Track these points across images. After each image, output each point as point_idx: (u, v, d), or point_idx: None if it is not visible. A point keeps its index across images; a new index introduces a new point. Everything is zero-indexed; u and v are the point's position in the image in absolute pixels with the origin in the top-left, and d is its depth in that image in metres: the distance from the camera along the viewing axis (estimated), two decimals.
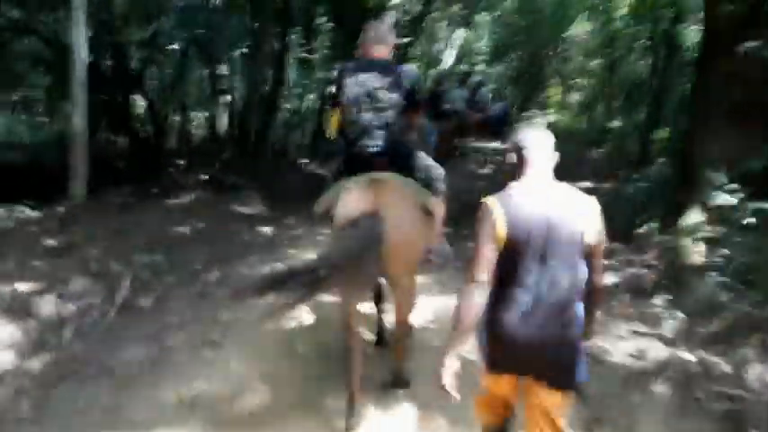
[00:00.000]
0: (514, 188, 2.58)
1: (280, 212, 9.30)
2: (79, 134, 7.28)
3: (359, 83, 3.93)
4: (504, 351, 2.56)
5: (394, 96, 3.92)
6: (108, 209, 8.86)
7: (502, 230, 2.47)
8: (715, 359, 4.76)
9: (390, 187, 3.80)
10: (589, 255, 2.57)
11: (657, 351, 5.08)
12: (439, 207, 3.98)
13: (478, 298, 2.47)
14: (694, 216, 6.88)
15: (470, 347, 2.70)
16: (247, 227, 8.40)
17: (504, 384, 2.70)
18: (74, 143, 7.30)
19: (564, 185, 2.61)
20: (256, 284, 3.41)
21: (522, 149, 2.65)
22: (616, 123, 18.67)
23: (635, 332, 5.48)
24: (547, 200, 2.52)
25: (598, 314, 2.89)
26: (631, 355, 5.00)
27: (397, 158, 3.94)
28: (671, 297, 6.01)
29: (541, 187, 2.57)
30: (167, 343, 4.80)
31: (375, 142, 3.89)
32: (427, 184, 4.00)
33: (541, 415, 2.61)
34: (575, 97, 25.10)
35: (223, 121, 11.74)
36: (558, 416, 2.61)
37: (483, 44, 23.89)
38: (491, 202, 2.53)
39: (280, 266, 5.88)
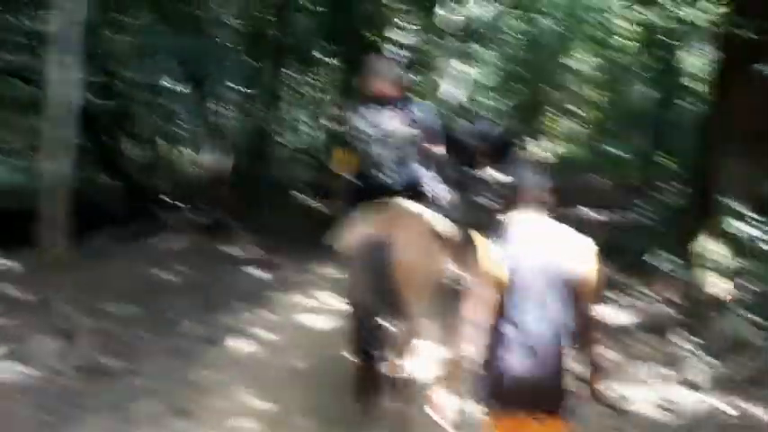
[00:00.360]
0: (509, 227, 2.58)
1: (274, 255, 8.76)
2: (60, 180, 6.70)
3: (370, 121, 4.03)
4: (505, 389, 2.53)
5: (407, 131, 4.01)
6: (89, 256, 8.38)
7: (497, 271, 2.48)
8: (753, 408, 4.20)
9: (400, 213, 3.91)
10: (583, 295, 2.55)
11: (686, 399, 4.53)
12: (453, 235, 4.06)
13: (473, 338, 2.52)
14: (712, 246, 6.36)
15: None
16: (237, 271, 7.87)
17: (506, 424, 2.59)
18: (53, 190, 6.73)
19: (558, 224, 2.60)
20: None
21: (516, 187, 2.66)
22: (616, 151, 18.19)
23: (658, 376, 4.92)
24: (542, 240, 2.54)
25: (603, 354, 2.82)
26: (659, 406, 4.43)
27: (411, 191, 4.04)
28: (692, 336, 5.46)
29: (536, 227, 2.58)
30: (130, 413, 4.22)
31: (388, 177, 4.00)
32: (443, 213, 4.10)
33: None
34: (575, 126, 24.68)
35: (218, 160, 11.23)
36: None
37: (485, 77, 23.49)
38: (486, 242, 2.53)
39: None
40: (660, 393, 4.60)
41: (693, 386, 4.67)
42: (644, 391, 4.65)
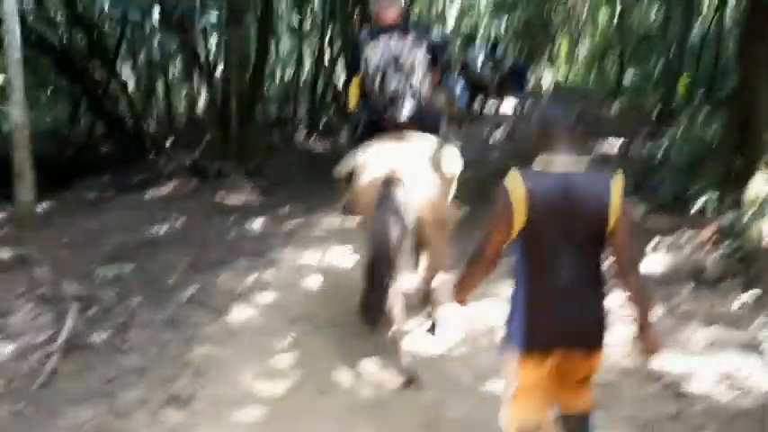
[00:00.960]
0: (538, 165, 2.47)
1: (273, 200, 8.12)
2: (19, 127, 6.00)
3: (381, 50, 4.00)
4: (537, 329, 2.47)
5: (418, 59, 4.01)
6: (78, 208, 7.75)
7: (524, 209, 2.38)
8: None
9: (412, 151, 3.85)
10: (615, 231, 2.43)
11: (754, 369, 3.91)
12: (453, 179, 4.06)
13: (483, 271, 2.56)
14: (761, 186, 5.70)
15: None
16: (235, 221, 7.21)
17: (537, 367, 2.50)
18: (13, 137, 6.03)
19: (586, 160, 2.47)
20: None
21: (545, 123, 2.52)
22: (629, 76, 17.30)
23: (716, 341, 4.30)
24: (570, 178, 2.41)
25: (644, 290, 2.58)
26: (722, 380, 3.82)
27: (423, 123, 4.00)
28: (746, 289, 4.84)
29: (565, 164, 2.44)
30: (119, 401, 3.64)
31: (401, 109, 3.96)
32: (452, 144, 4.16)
33: (571, 384, 2.59)
34: (582, 50, 23.66)
35: (210, 99, 10.44)
36: (587, 382, 2.61)
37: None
38: (515, 177, 2.41)
39: None
40: (722, 363, 3.99)
41: (762, 352, 4.06)
42: (701, 360, 4.04)
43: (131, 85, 11.81)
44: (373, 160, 3.84)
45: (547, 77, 21.77)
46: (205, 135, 9.43)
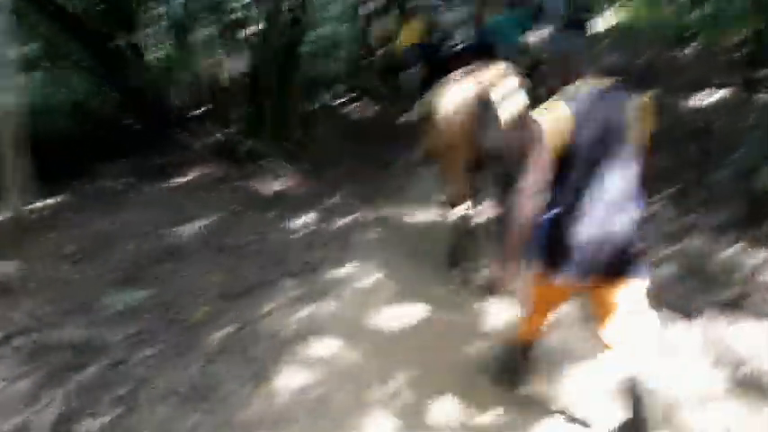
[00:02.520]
0: (575, 90, 2.47)
1: (319, 188, 6.66)
2: (7, 113, 4.63)
3: None
4: (568, 251, 2.44)
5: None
6: (92, 202, 6.44)
7: (567, 132, 2.37)
8: None
9: (490, 72, 3.75)
10: (643, 149, 2.48)
11: None
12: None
13: (534, 204, 2.46)
14: None
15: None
16: (274, 219, 5.80)
17: (560, 289, 2.59)
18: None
19: (616, 84, 2.48)
20: None
21: (573, 54, 2.64)
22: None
23: None
24: (603, 100, 2.43)
25: None
26: None
27: (485, 53, 3.94)
28: None
29: (598, 89, 2.46)
30: None
31: (460, 40, 4.13)
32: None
33: (612, 308, 2.56)
34: None
35: (239, 65, 8.93)
36: (635, 304, 2.55)
37: None
38: (558, 103, 2.42)
39: None
40: None
41: None
42: None
43: (152, 53, 10.34)
44: (454, 90, 3.77)
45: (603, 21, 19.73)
46: (235, 108, 7.97)
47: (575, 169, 2.40)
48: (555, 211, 2.45)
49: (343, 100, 10.86)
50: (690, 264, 4.23)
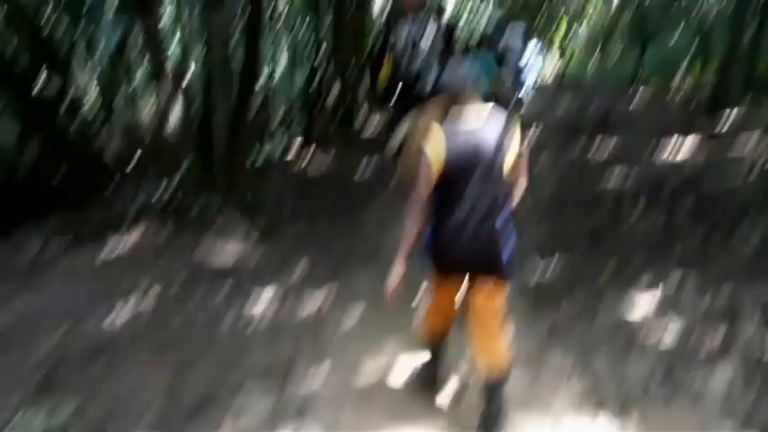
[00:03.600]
0: (451, 115, 2.80)
1: (280, 250, 5.72)
2: None
3: (408, 32, 4.68)
4: (446, 253, 2.83)
5: (437, 39, 4.73)
6: (6, 277, 5.32)
7: (442, 155, 2.70)
8: None
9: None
10: (513, 169, 2.82)
11: None
12: None
13: (420, 216, 2.79)
14: None
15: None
16: (231, 294, 4.83)
17: (447, 284, 2.96)
18: None
19: (489, 108, 2.79)
20: None
21: (453, 82, 2.87)
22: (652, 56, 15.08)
23: None
24: (477, 127, 2.74)
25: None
26: None
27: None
28: None
29: (472, 116, 2.77)
30: None
31: (427, 81, 4.41)
32: None
33: (481, 307, 2.87)
34: (583, 34, 21.41)
35: (184, 112, 7.92)
36: (496, 305, 2.88)
37: None
38: (434, 133, 2.74)
39: None
40: None
41: None
42: None
43: (85, 97, 9.24)
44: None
45: (548, 65, 19.54)
46: (181, 159, 6.96)
47: (449, 185, 2.75)
48: (436, 221, 2.83)
49: (298, 149, 9.97)
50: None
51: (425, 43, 4.70)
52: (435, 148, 2.70)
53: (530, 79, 10.76)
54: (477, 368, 2.94)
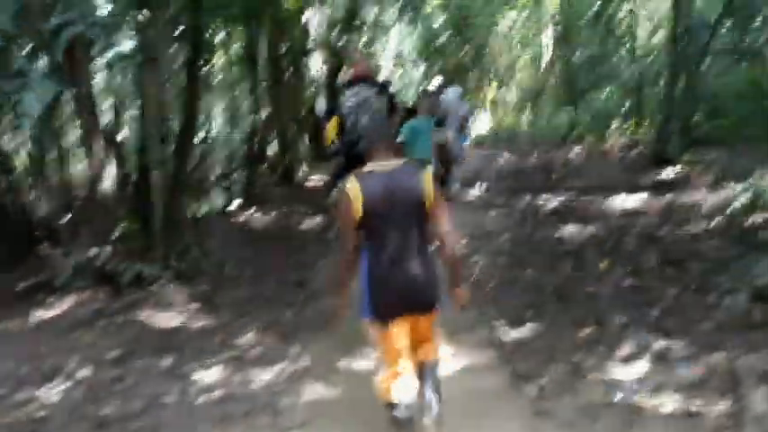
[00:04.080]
0: (366, 169, 2.97)
1: (225, 317, 5.37)
2: None
3: (354, 96, 5.00)
4: (386, 299, 2.93)
5: (382, 102, 5.05)
6: None
7: (360, 203, 2.85)
8: None
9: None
10: (430, 212, 2.91)
11: None
12: None
13: (351, 264, 3.00)
14: None
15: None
16: (172, 369, 4.44)
17: (393, 330, 2.95)
18: None
19: (402, 162, 2.98)
20: None
21: (369, 138, 3.11)
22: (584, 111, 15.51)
23: None
24: (388, 176, 2.90)
25: (458, 260, 3.14)
26: None
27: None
28: None
29: (383, 167, 2.94)
30: None
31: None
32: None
33: (423, 339, 3.05)
34: (511, 94, 21.98)
35: (118, 172, 7.49)
36: (431, 333, 3.09)
37: (411, 44, 20.38)
38: (351, 183, 2.91)
39: None
40: None
41: None
42: None
43: (12, 155, 8.71)
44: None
45: (482, 123, 19.90)
46: (116, 221, 6.55)
47: (373, 232, 2.90)
48: (365, 266, 2.96)
49: (238, 207, 9.65)
50: None
51: (369, 106, 4.97)
52: (352, 194, 2.86)
53: (467, 137, 10.90)
54: (417, 358, 3.09)
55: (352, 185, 2.87)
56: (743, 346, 3.87)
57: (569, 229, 7.07)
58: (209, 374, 4.31)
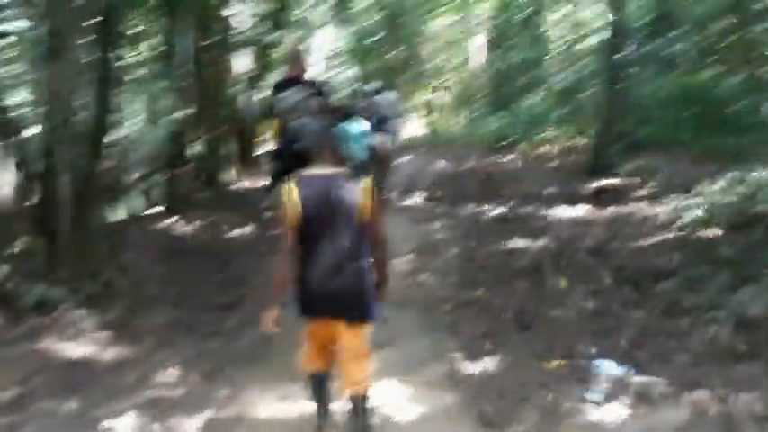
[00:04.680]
0: (307, 174, 3.05)
1: (141, 349, 4.64)
2: None
3: (291, 94, 4.98)
4: (310, 300, 3.03)
5: (317, 103, 5.01)
6: None
7: (298, 207, 2.94)
8: None
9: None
10: (365, 220, 2.98)
11: None
12: None
13: (287, 264, 3.00)
14: None
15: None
16: (77, 416, 3.71)
17: (318, 328, 3.13)
18: None
19: (341, 171, 3.04)
20: None
21: (311, 145, 3.19)
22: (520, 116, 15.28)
23: None
24: (327, 182, 2.99)
25: (386, 265, 3.19)
26: None
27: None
28: None
29: (324, 173, 3.03)
30: None
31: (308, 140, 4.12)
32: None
33: (348, 346, 3.08)
34: (444, 98, 21.67)
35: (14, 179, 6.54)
36: (360, 344, 3.10)
37: (341, 45, 19.80)
38: (291, 185, 2.99)
39: None
40: None
41: None
42: None
43: None
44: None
45: (414, 127, 19.48)
46: (14, 236, 5.68)
47: (308, 236, 2.99)
48: (299, 267, 3.03)
49: (160, 213, 8.82)
50: None
51: (304, 105, 4.97)
52: (291, 196, 2.94)
53: (400, 139, 10.43)
54: (345, 387, 3.15)
55: (292, 189, 2.96)
56: (730, 383, 3.49)
57: (518, 243, 6.65)
58: (121, 422, 3.61)
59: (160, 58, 10.96)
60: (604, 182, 9.23)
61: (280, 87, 5.22)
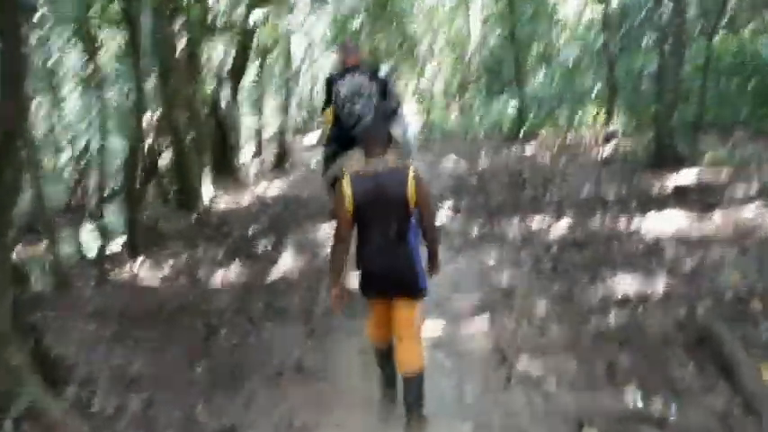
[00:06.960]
0: (359, 168, 3.18)
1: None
2: None
3: (348, 83, 4.89)
4: (368, 280, 3.23)
5: (374, 90, 4.92)
6: None
7: (351, 200, 3.10)
8: None
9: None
10: (417, 207, 3.14)
11: None
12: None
13: (343, 250, 3.19)
14: None
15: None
16: None
17: (377, 305, 3.33)
18: None
19: (389, 160, 3.16)
20: None
21: (360, 140, 3.30)
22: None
23: None
24: (378, 173, 3.12)
25: (436, 245, 3.33)
26: None
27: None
28: None
29: (375, 166, 3.14)
30: None
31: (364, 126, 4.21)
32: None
33: (400, 318, 3.25)
34: (437, 85, 19.59)
35: None
36: (411, 317, 3.26)
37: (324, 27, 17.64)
38: (344, 181, 3.14)
39: None
40: None
41: None
42: None
43: None
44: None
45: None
46: None
47: (362, 224, 3.16)
48: (357, 253, 3.24)
49: (115, 255, 6.67)
50: None
51: (365, 93, 4.86)
52: (345, 189, 3.10)
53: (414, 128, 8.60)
54: (399, 365, 3.24)
55: (346, 185, 3.10)
56: None
57: (626, 283, 4.63)
58: None
59: (120, 53, 8.79)
60: (681, 176, 7.24)
61: (336, 77, 5.01)
